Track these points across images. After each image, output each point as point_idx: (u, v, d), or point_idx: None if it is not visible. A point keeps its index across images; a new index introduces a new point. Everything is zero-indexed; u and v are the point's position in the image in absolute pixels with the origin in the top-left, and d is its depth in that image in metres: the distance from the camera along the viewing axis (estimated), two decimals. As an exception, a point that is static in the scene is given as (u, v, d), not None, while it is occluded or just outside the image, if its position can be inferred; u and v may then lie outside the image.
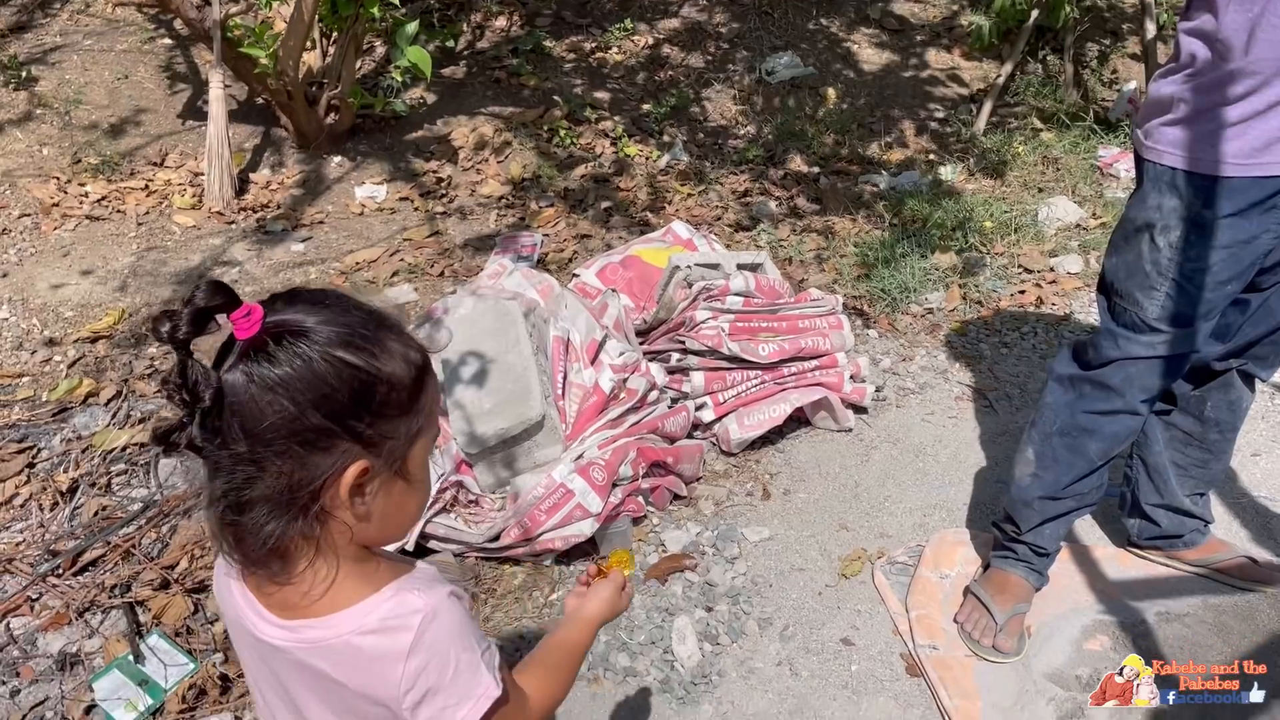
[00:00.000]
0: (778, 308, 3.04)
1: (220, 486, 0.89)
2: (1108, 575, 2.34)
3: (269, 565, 0.94)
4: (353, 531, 0.95)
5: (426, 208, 4.30)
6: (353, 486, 0.92)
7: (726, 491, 2.74)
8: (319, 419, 0.88)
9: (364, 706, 0.97)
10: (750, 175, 4.60)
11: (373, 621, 0.94)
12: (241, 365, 0.86)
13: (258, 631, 0.98)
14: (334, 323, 0.90)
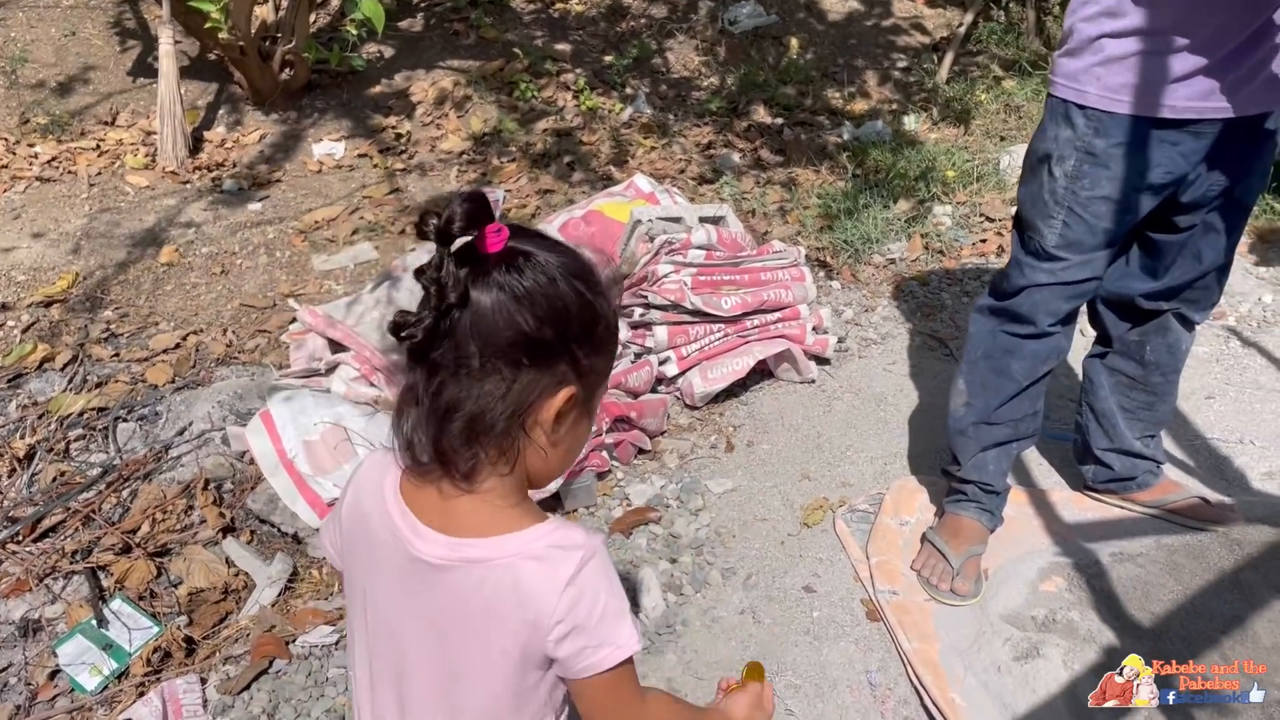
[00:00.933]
0: (740, 260, 3.04)
1: (437, 388, 0.92)
2: (1064, 518, 2.38)
3: (456, 475, 0.96)
4: (539, 461, 0.99)
5: (386, 165, 4.24)
6: (560, 410, 0.96)
7: (690, 444, 2.75)
8: (551, 335, 0.93)
9: (505, 634, 0.98)
10: (714, 127, 4.57)
11: (539, 548, 0.97)
12: (493, 274, 0.90)
13: (413, 548, 0.99)
14: (567, 255, 0.96)
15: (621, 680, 1.01)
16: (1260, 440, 2.66)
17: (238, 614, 2.24)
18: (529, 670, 1.01)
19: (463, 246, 0.89)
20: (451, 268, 0.89)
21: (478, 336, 0.90)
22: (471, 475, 0.96)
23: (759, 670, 1.27)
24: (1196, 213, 1.97)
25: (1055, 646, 1.99)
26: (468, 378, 0.92)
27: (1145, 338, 2.19)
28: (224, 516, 2.45)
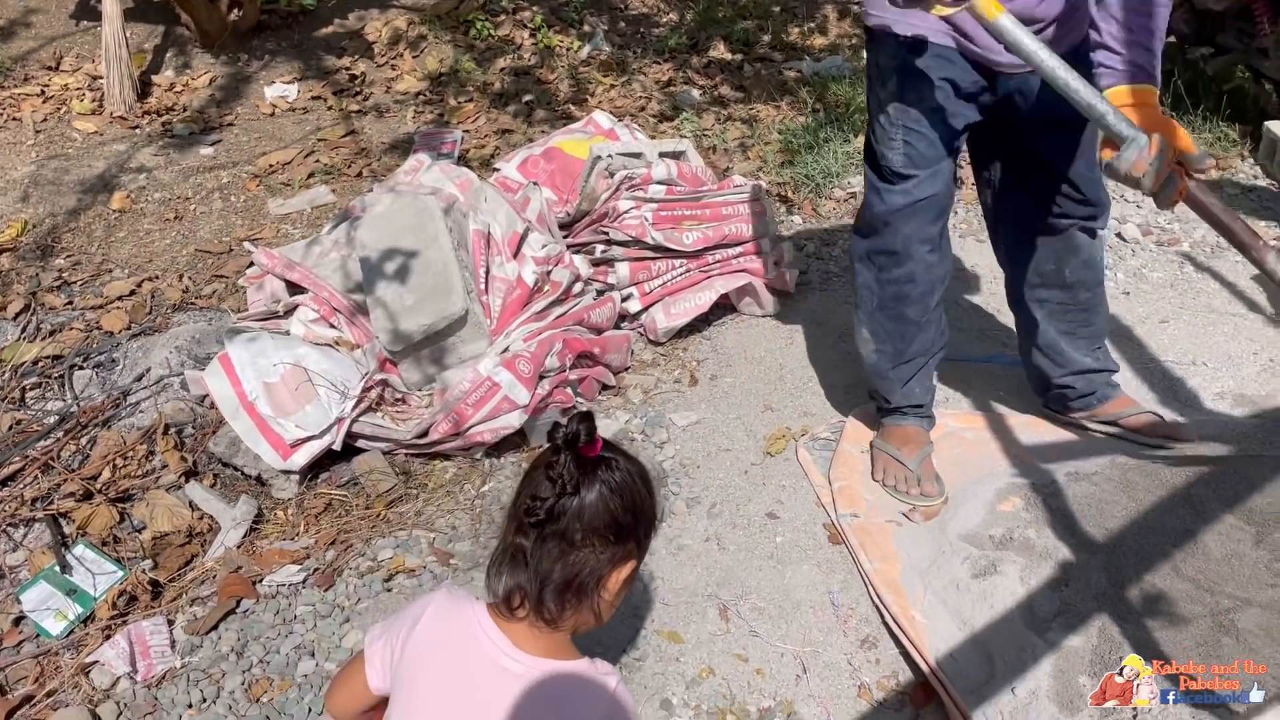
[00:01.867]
0: (701, 195, 3.02)
1: (542, 553, 1.23)
2: (1021, 441, 2.42)
3: (546, 618, 1.25)
4: (590, 617, 1.29)
5: (341, 106, 4.16)
6: (625, 580, 1.28)
7: (654, 379, 2.76)
8: (629, 521, 1.25)
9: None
10: (673, 64, 4.52)
11: (589, 671, 1.28)
12: (598, 471, 1.23)
13: (500, 660, 1.26)
14: (637, 464, 1.29)
15: None
16: (1212, 362, 2.71)
17: (203, 556, 2.24)
18: None
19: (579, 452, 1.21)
20: (571, 466, 1.20)
21: (581, 518, 1.22)
22: (557, 620, 1.25)
23: None
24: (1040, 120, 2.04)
25: (1012, 563, 2.03)
26: (570, 547, 1.23)
27: (1060, 262, 2.26)
28: (186, 461, 2.43)
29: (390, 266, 2.55)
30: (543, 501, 1.21)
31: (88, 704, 1.88)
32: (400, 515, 2.33)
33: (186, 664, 1.98)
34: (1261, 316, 2.89)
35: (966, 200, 3.54)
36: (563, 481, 1.21)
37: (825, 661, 1.94)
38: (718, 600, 2.06)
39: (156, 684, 1.94)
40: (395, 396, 2.53)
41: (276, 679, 1.94)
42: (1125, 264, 3.17)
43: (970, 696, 1.81)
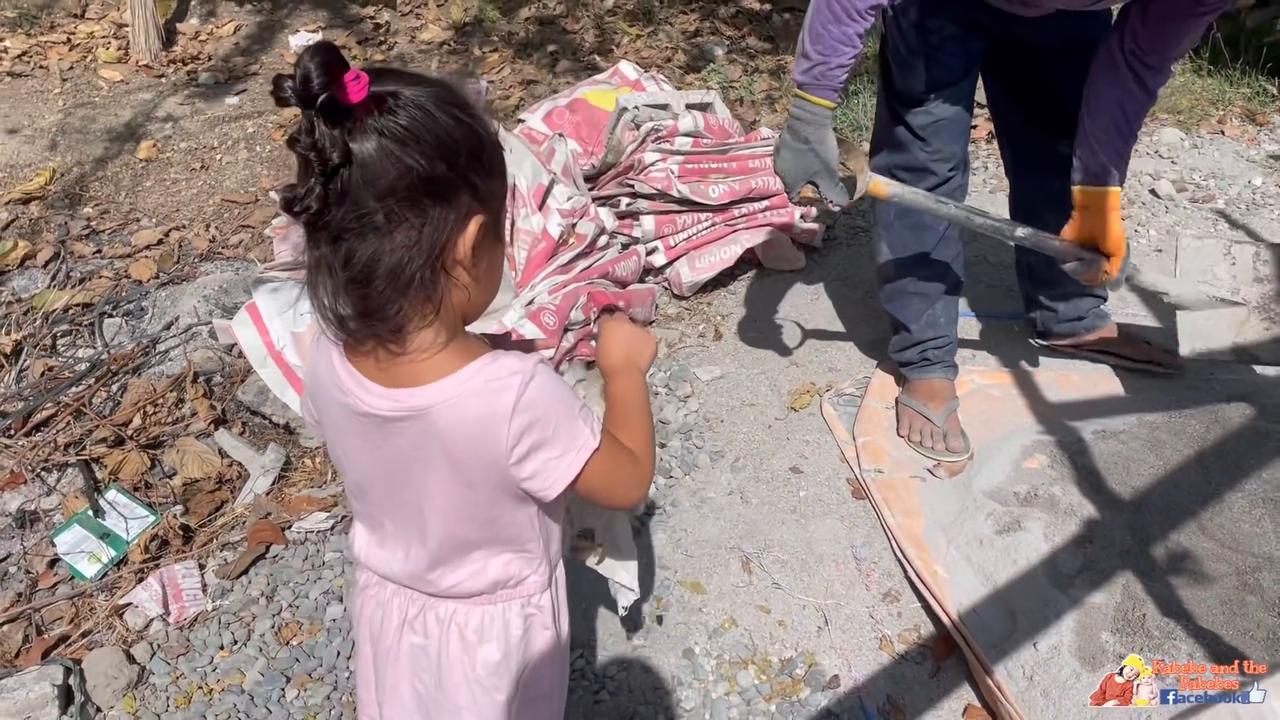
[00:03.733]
0: (728, 147, 2.99)
1: (346, 252, 0.91)
2: (1047, 398, 2.41)
3: (385, 334, 0.97)
4: (467, 291, 1.00)
5: (365, 56, 4.14)
6: (474, 240, 0.96)
7: (679, 334, 2.76)
8: (444, 169, 0.92)
9: (469, 472, 1.02)
10: (700, 14, 4.46)
11: (478, 384, 0.99)
12: (367, 121, 0.88)
13: (363, 404, 1.02)
14: (434, 85, 0.93)
15: (601, 464, 1.06)
16: (1244, 320, 2.67)
17: (233, 503, 2.27)
18: (501, 499, 1.06)
19: (327, 102, 0.86)
20: (323, 127, 0.86)
21: (373, 189, 0.89)
22: (401, 329, 0.97)
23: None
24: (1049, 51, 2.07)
25: (1036, 520, 2.03)
26: (376, 234, 0.91)
27: (1059, 183, 2.19)
28: (215, 409, 2.46)
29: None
30: (305, 191, 0.88)
31: (122, 644, 1.93)
32: (426, 465, 2.34)
33: (218, 607, 2.02)
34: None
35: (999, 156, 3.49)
36: (319, 153, 0.87)
37: (847, 614, 1.95)
38: (741, 553, 2.07)
39: (189, 626, 1.98)
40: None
41: (306, 623, 1.98)
42: (1158, 221, 3.12)
43: (992, 651, 1.81)
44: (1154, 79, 1.95)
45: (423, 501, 1.07)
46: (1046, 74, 2.17)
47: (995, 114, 2.38)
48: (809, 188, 1.88)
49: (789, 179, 1.89)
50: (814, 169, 1.85)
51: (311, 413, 1.16)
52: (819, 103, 1.82)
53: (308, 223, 0.90)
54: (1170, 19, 1.87)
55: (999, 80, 2.28)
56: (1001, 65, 2.21)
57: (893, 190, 1.95)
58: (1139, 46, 1.93)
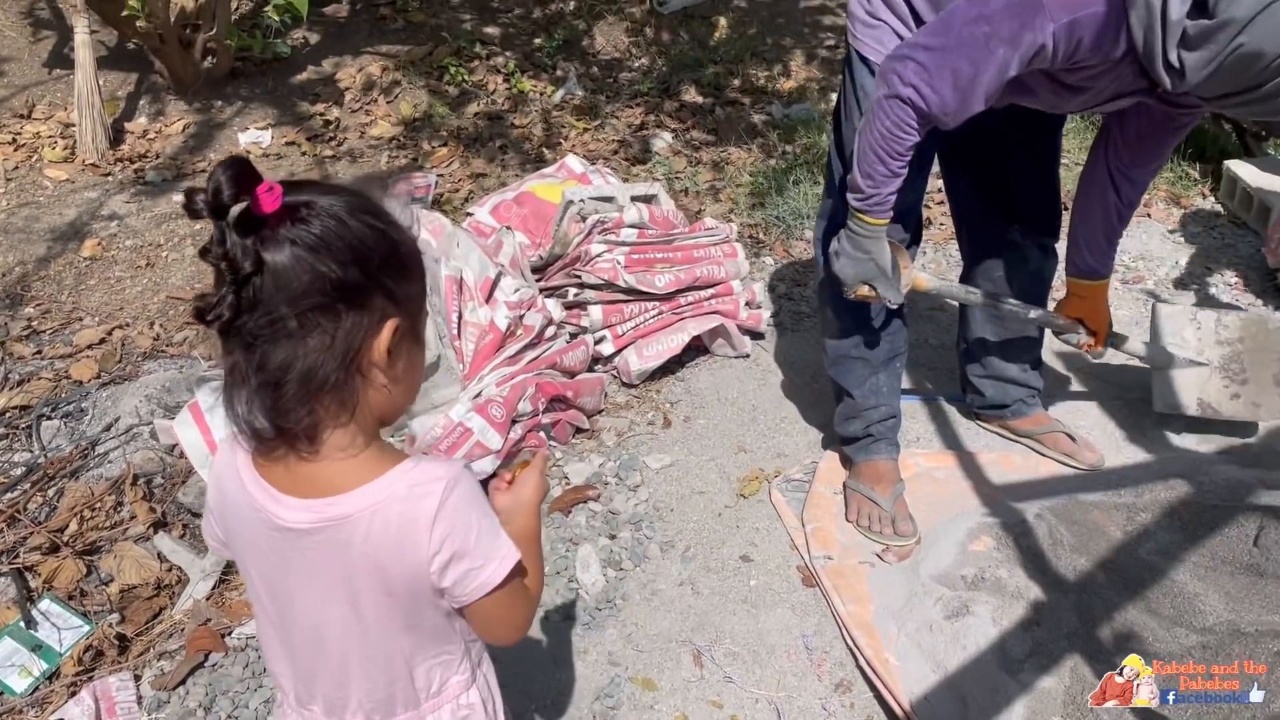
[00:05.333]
0: (672, 238, 3.05)
1: (260, 358, 0.92)
2: (991, 480, 2.44)
3: (298, 440, 0.97)
4: (381, 396, 1.00)
5: (314, 152, 4.18)
6: (389, 343, 0.97)
7: (628, 422, 2.77)
8: (358, 275, 0.93)
9: (390, 580, 1.02)
10: (645, 108, 4.57)
11: (400, 489, 0.99)
12: (280, 230, 0.90)
13: (278, 518, 1.00)
14: (345, 196, 0.96)
15: (513, 589, 1.06)
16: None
17: (171, 609, 2.21)
18: (423, 608, 1.05)
19: (241, 215, 0.88)
20: (235, 238, 0.88)
21: (285, 295, 0.90)
22: (314, 435, 0.97)
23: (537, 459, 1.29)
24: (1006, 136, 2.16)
25: (984, 604, 2.04)
26: (289, 339, 0.92)
27: (1009, 270, 2.37)
28: (155, 511, 2.41)
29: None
30: (217, 300, 0.89)
31: (51, 763, 1.85)
32: (372, 564, 2.30)
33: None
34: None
35: (936, 241, 3.59)
36: (231, 263, 0.88)
37: (800, 707, 1.93)
38: (692, 646, 2.05)
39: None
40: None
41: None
42: (1091, 302, 3.21)
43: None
44: (1138, 189, 2.12)
45: (343, 613, 1.05)
46: (1000, 161, 2.25)
47: (951, 198, 2.47)
48: (864, 287, 2.03)
49: (848, 280, 2.04)
50: (872, 274, 2.01)
51: (216, 533, 1.13)
52: (875, 223, 1.96)
53: (221, 330, 0.91)
54: (1149, 134, 2.00)
55: (955, 166, 2.36)
56: (958, 151, 2.30)
57: (932, 284, 2.20)
58: (1122, 161, 2.08)
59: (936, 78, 1.73)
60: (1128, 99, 1.84)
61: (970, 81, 1.72)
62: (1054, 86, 1.84)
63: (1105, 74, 1.75)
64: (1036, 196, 2.32)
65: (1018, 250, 2.36)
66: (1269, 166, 3.64)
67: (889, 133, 1.82)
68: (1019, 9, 1.64)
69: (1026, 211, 2.32)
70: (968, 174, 2.34)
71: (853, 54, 2.07)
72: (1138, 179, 2.10)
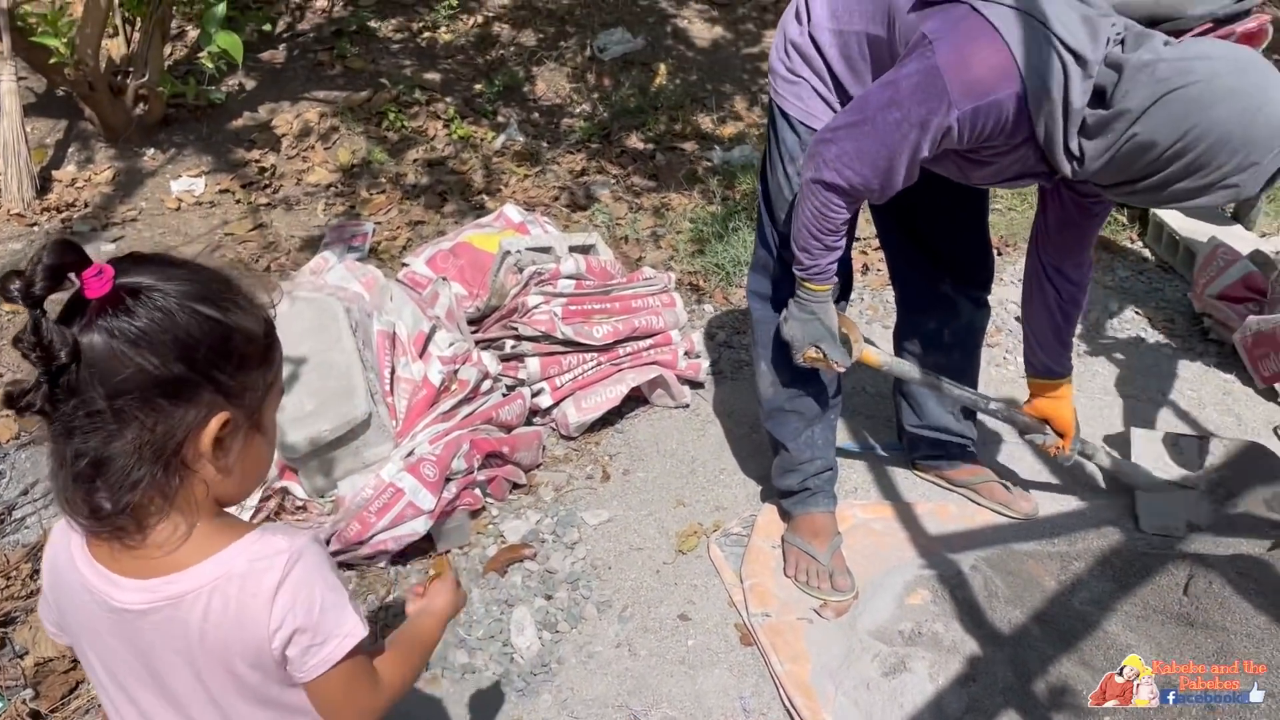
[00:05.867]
0: (610, 288, 3.04)
1: (76, 447, 0.90)
2: (928, 531, 2.45)
3: (122, 527, 0.94)
4: (210, 486, 0.97)
5: (249, 199, 4.12)
6: (215, 438, 0.95)
7: (566, 476, 2.74)
8: (183, 370, 0.91)
9: (233, 658, 0.99)
10: (586, 154, 4.58)
11: (240, 564, 0.96)
12: (99, 321, 0.87)
13: (114, 600, 0.97)
14: (185, 280, 0.93)
15: (355, 669, 1.03)
16: (1109, 445, 2.78)
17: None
18: (270, 684, 1.02)
19: (68, 300, 0.87)
20: (51, 325, 0.86)
21: (102, 387, 0.88)
22: (140, 524, 0.95)
23: (443, 564, 1.33)
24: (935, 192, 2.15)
25: (921, 660, 2.03)
26: (104, 432, 0.89)
27: (942, 323, 2.40)
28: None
29: (290, 371, 2.50)
30: (30, 388, 0.87)
31: None
32: (301, 630, 2.24)
33: (65, 805, 1.86)
34: (1153, 396, 2.99)
35: (873, 286, 3.62)
36: (41, 349, 0.85)
37: (737, 771, 1.91)
38: (629, 711, 2.02)
39: (31, 829, 1.82)
40: (296, 505, 2.46)
41: (162, 817, 1.83)
42: (1025, 347, 3.26)
43: (882, 803, 1.79)
44: (1076, 288, 2.15)
45: (192, 691, 1.01)
46: (929, 215, 2.28)
47: (885, 250, 2.50)
48: (813, 350, 2.05)
49: (796, 343, 2.07)
50: (819, 336, 2.04)
51: (53, 617, 1.09)
52: (819, 289, 2.01)
53: (40, 415, 0.89)
54: (1070, 223, 2.05)
55: (887, 223, 2.39)
56: (889, 209, 2.30)
57: (883, 359, 2.20)
58: (1050, 255, 2.14)
59: (857, 160, 1.78)
60: (1030, 179, 1.89)
61: (889, 163, 1.77)
62: (960, 160, 1.89)
63: (1009, 153, 1.79)
64: (966, 250, 2.36)
65: (950, 302, 2.39)
66: (1193, 213, 3.74)
67: (819, 213, 1.88)
68: (925, 95, 1.67)
69: (956, 264, 2.36)
70: (899, 230, 2.37)
71: (774, 109, 2.09)
72: (1071, 275, 2.13)
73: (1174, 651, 1.97)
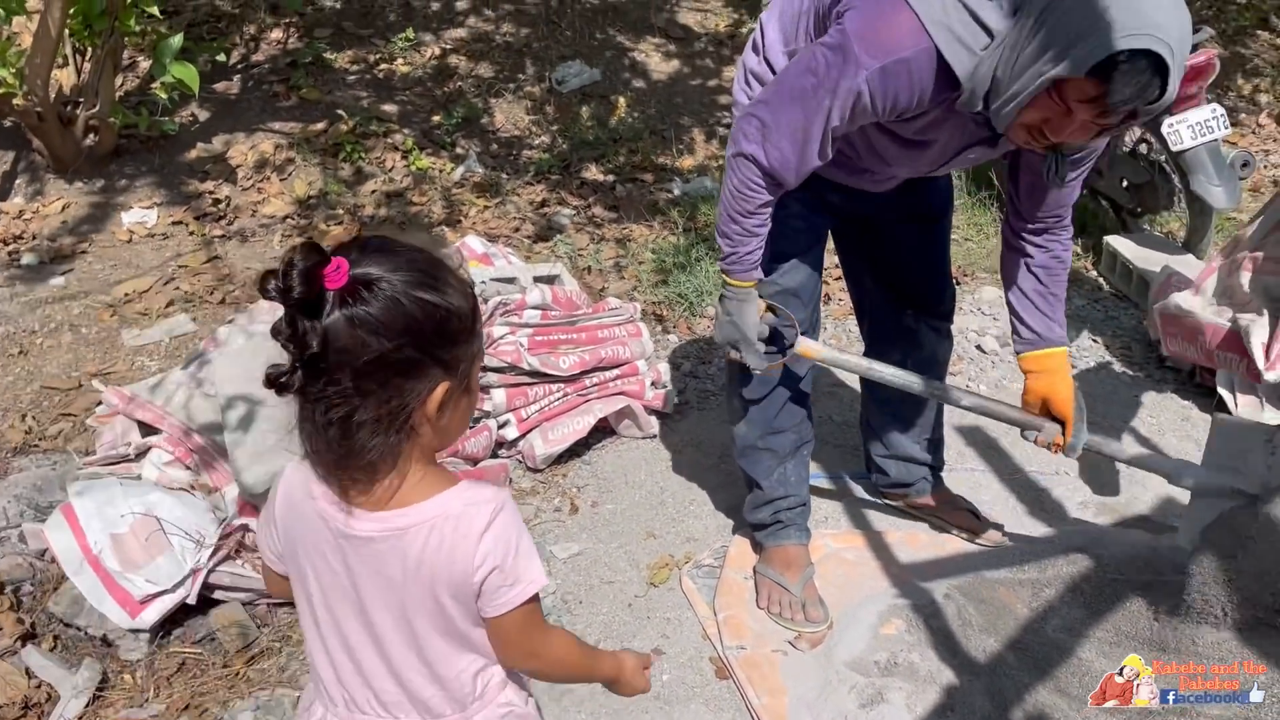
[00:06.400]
0: (576, 319, 3.02)
1: (325, 416, 1.06)
2: (900, 560, 2.44)
3: (358, 477, 1.10)
4: (428, 440, 1.13)
5: (203, 231, 4.05)
6: (439, 405, 1.10)
7: (534, 509, 2.69)
8: (412, 351, 1.06)
9: (439, 587, 1.14)
10: (547, 186, 4.57)
11: (455, 506, 1.13)
12: (340, 311, 1.02)
13: (346, 528, 1.13)
14: (407, 268, 1.06)
15: (530, 614, 1.18)
16: (1074, 471, 2.81)
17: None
18: (463, 618, 1.17)
19: (306, 301, 1.01)
20: (304, 322, 1.01)
21: (347, 369, 1.03)
22: (374, 474, 1.11)
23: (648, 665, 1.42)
24: (895, 225, 2.21)
25: (898, 690, 2.02)
26: (348, 403, 1.05)
27: (905, 353, 2.38)
28: (22, 623, 2.23)
29: (245, 408, 2.44)
30: (287, 372, 1.03)
31: None
32: (262, 673, 2.17)
33: None
34: (1114, 424, 3.02)
35: (835, 316, 3.64)
36: (296, 340, 1.02)
37: (717, 808, 1.87)
38: (604, 748, 1.98)
39: None
40: (256, 541, 2.39)
41: None
42: (987, 376, 3.29)
43: (865, 838, 1.76)
44: (1053, 241, 2.09)
45: (395, 619, 1.17)
46: (890, 249, 2.30)
47: (849, 283, 2.50)
48: (733, 351, 2.06)
49: (718, 341, 2.10)
50: (734, 338, 2.04)
51: (275, 545, 1.24)
52: (739, 284, 1.99)
53: (294, 394, 1.05)
54: (1037, 188, 2.02)
55: (849, 252, 2.40)
56: (851, 239, 2.35)
57: (823, 353, 2.13)
58: (1025, 219, 2.08)
59: (774, 132, 1.80)
60: (980, 149, 1.91)
61: (804, 134, 1.78)
62: (900, 145, 1.90)
63: (943, 124, 1.81)
64: (928, 281, 2.37)
65: (913, 334, 2.40)
66: (1146, 242, 3.82)
67: (737, 191, 1.88)
68: (837, 59, 1.71)
69: (918, 295, 2.37)
70: (863, 264, 2.38)
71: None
72: (1048, 245, 2.08)
73: (1148, 676, 1.97)
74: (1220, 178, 3.44)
